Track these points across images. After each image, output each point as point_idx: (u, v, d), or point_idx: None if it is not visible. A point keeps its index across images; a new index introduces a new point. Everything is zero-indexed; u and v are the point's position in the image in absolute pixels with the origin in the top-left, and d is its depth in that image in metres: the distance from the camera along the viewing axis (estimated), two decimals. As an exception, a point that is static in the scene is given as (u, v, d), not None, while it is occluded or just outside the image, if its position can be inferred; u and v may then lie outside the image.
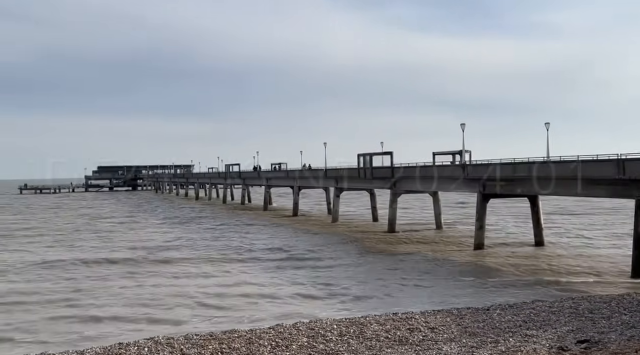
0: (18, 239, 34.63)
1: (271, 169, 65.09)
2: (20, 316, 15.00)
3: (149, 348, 10.29)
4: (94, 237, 35.05)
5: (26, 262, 24.70)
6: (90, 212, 58.85)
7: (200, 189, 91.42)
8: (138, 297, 17.10)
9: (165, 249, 28.47)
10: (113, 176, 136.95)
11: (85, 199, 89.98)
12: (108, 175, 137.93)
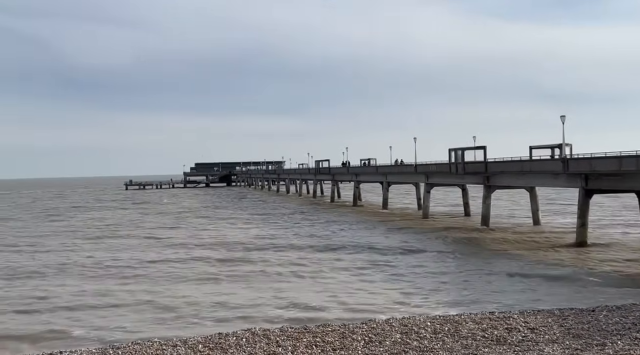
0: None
1: (360, 165, 65.09)
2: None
3: (246, 339, 10.63)
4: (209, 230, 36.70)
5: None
6: (191, 206, 61.69)
7: (291, 185, 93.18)
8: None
9: (259, 247, 29.26)
10: (209, 172, 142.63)
11: (186, 194, 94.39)
12: (204, 171, 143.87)
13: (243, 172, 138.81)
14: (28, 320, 14.45)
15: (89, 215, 52.41)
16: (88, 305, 15.84)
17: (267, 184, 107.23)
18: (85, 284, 19.20)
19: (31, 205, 74.92)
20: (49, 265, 23.40)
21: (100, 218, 49.08)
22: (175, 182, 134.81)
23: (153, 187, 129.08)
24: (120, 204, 71.02)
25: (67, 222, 46.02)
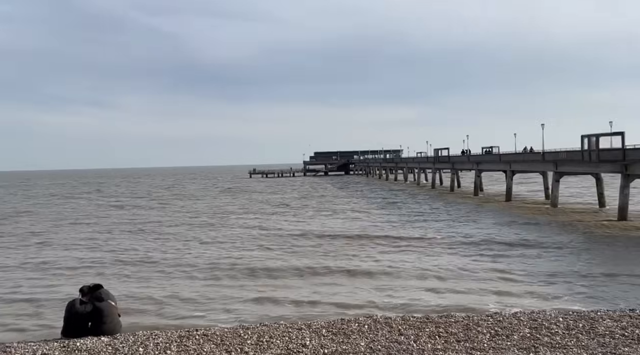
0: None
1: (482, 153, 62.84)
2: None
3: (368, 325, 10.71)
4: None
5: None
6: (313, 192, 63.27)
7: (409, 174, 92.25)
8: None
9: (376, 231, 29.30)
10: (327, 161, 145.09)
11: (309, 183, 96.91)
12: (323, 160, 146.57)
13: (361, 161, 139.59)
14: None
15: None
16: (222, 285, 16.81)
17: (385, 173, 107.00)
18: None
19: (178, 188, 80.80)
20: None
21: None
22: (296, 171, 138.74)
23: (275, 176, 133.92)
24: (269, 188, 74.33)
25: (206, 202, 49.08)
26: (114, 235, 30.44)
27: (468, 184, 68.21)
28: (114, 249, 25.37)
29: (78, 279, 17.81)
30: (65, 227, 35.51)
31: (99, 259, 22.56)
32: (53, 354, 9.29)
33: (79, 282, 15.99)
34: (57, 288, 17.09)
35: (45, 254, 24.47)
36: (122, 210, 48.27)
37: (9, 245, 27.45)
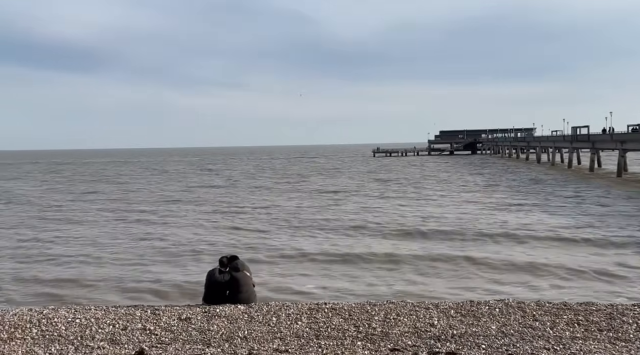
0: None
1: (627, 131, 57.62)
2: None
3: (499, 309, 10.35)
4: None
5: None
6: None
7: (542, 153, 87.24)
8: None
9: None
10: (453, 140, 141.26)
11: (438, 163, 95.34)
12: (449, 139, 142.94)
13: (489, 140, 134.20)
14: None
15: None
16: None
17: (515, 152, 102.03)
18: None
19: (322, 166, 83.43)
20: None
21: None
22: (420, 150, 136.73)
23: (398, 155, 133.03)
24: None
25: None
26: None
27: (608, 165, 63.05)
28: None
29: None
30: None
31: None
32: (196, 318, 10.02)
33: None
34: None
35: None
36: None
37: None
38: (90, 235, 24.10)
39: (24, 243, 22.41)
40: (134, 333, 9.22)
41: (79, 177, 75.47)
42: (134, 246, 21.32)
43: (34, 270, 17.27)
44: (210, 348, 8.39)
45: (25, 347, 8.54)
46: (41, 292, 14.95)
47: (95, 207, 35.34)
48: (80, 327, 9.56)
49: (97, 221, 28.98)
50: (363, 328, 9.28)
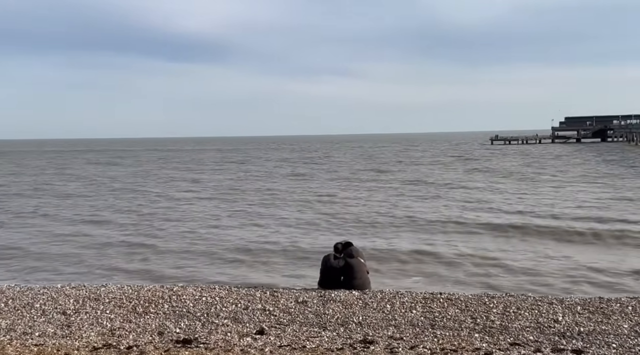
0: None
1: None
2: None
3: (632, 307, 9.61)
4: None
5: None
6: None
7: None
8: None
9: None
10: (580, 127, 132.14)
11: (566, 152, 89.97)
12: (575, 126, 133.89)
13: (622, 127, 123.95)
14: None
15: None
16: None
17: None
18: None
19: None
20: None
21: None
22: (542, 137, 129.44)
23: (518, 142, 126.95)
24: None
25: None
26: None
27: None
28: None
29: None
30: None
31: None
32: (312, 301, 10.29)
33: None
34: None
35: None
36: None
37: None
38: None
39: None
40: (254, 313, 9.66)
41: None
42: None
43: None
44: (326, 331, 8.58)
45: (158, 321, 9.26)
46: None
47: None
48: (206, 304, 10.19)
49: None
50: (481, 320, 9.02)
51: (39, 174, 57.95)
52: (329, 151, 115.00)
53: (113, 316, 9.52)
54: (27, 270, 15.37)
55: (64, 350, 7.44)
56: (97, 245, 18.77)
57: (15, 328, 8.84)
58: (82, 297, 10.65)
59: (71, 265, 15.95)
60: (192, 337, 8.26)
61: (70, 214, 26.83)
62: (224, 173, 55.15)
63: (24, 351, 7.39)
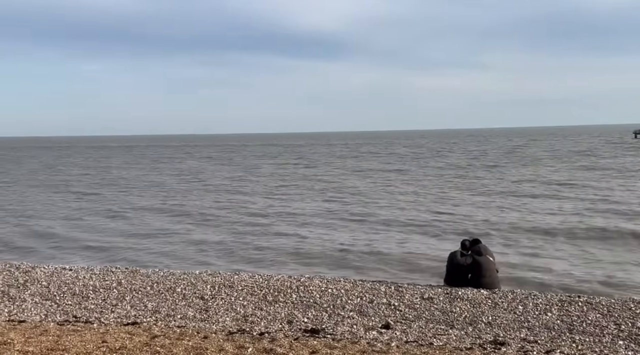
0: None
1: None
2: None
3: None
4: None
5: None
6: None
7: None
8: None
9: None
10: None
11: None
12: None
13: None
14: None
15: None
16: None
17: None
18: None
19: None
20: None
21: None
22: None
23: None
24: None
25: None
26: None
27: None
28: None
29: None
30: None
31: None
32: (438, 298, 10.10)
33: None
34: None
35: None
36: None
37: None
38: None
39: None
40: (379, 307, 9.67)
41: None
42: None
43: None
44: (453, 330, 8.38)
45: (287, 310, 9.58)
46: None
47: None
48: (332, 296, 10.37)
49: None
50: (625, 327, 8.33)
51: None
52: (464, 145, 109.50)
53: (246, 303, 9.99)
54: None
55: (203, 333, 7.94)
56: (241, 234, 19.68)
57: (160, 310, 9.58)
58: (217, 284, 11.30)
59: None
60: (320, 327, 8.45)
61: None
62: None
63: (168, 332, 7.98)
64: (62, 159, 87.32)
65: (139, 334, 7.69)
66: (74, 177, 48.37)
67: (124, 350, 6.79)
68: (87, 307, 9.78)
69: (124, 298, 10.38)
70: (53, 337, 7.37)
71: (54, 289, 11.07)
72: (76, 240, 19.55)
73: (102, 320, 8.89)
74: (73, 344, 7.00)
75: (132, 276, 12.15)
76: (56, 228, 21.91)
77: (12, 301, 10.18)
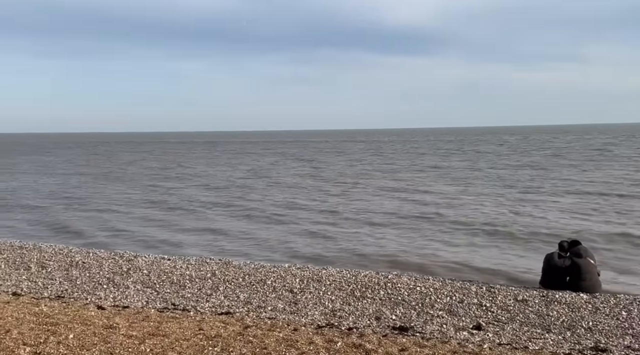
0: None
1: None
2: None
3: None
4: None
5: None
6: None
7: None
8: None
9: None
10: None
11: None
12: None
13: None
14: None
15: None
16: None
17: None
18: None
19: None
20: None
21: None
22: None
23: None
24: None
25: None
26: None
27: None
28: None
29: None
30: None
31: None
32: (533, 301, 9.71)
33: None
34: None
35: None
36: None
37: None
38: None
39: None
40: (470, 307, 9.43)
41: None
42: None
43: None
44: (550, 334, 8.03)
45: (374, 306, 9.57)
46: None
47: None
48: (421, 294, 10.23)
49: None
50: None
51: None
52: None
53: (334, 298, 10.09)
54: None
55: (293, 326, 8.09)
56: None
57: (251, 301, 9.88)
58: (306, 278, 11.48)
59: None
60: (408, 325, 8.37)
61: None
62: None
63: (259, 323, 8.21)
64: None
65: (232, 324, 7.97)
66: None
67: (219, 338, 7.06)
68: (184, 296, 10.26)
69: (218, 288, 10.79)
70: (154, 322, 7.80)
71: (154, 277, 11.71)
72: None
73: (198, 308, 9.29)
74: (172, 330, 7.37)
75: (225, 267, 12.60)
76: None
77: (116, 287, 10.87)
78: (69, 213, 24.23)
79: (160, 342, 6.81)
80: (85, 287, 10.86)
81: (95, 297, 10.04)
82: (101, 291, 10.56)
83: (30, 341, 6.63)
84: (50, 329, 7.17)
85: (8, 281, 11.35)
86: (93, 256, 13.89)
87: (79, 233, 19.68)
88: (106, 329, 7.32)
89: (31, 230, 20.45)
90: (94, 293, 10.40)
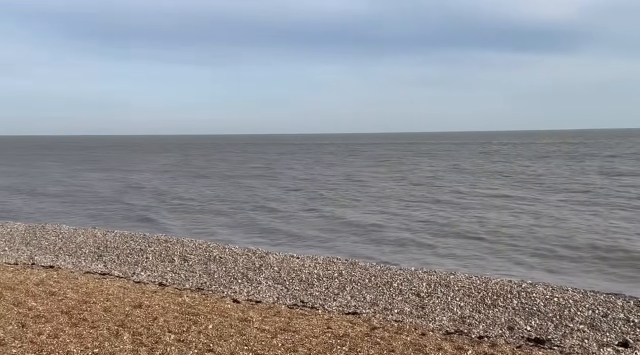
0: None
1: None
2: None
3: None
4: None
5: None
6: None
7: None
8: None
9: None
10: None
11: None
12: None
13: None
14: None
15: None
16: None
17: None
18: None
19: None
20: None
21: None
22: None
23: None
24: None
25: None
26: None
27: None
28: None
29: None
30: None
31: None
32: (691, 320, 8.70)
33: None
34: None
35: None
36: None
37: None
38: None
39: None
40: (615, 322, 8.69)
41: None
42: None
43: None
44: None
45: (507, 315, 9.13)
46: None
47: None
48: (559, 306, 9.60)
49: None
50: None
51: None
52: None
53: (462, 304, 9.79)
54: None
55: (420, 330, 7.97)
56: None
57: (378, 303, 9.88)
58: (433, 282, 11.26)
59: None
60: (545, 338, 7.89)
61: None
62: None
63: (386, 325, 8.18)
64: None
65: (359, 324, 8.02)
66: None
67: (347, 338, 7.14)
68: (312, 294, 10.52)
69: (345, 288, 10.92)
70: (285, 318, 8.07)
71: (284, 274, 12.12)
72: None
73: (326, 307, 9.47)
74: (302, 327, 7.58)
75: (352, 268, 12.72)
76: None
77: (250, 283, 11.41)
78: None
79: (291, 337, 7.02)
80: (222, 281, 11.51)
81: (231, 291, 10.60)
82: (236, 285, 11.13)
83: (175, 329, 7.16)
84: (191, 319, 7.69)
85: (155, 272, 12.36)
86: (229, 252, 14.68)
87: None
88: (241, 321, 7.70)
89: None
90: (230, 287, 10.99)
